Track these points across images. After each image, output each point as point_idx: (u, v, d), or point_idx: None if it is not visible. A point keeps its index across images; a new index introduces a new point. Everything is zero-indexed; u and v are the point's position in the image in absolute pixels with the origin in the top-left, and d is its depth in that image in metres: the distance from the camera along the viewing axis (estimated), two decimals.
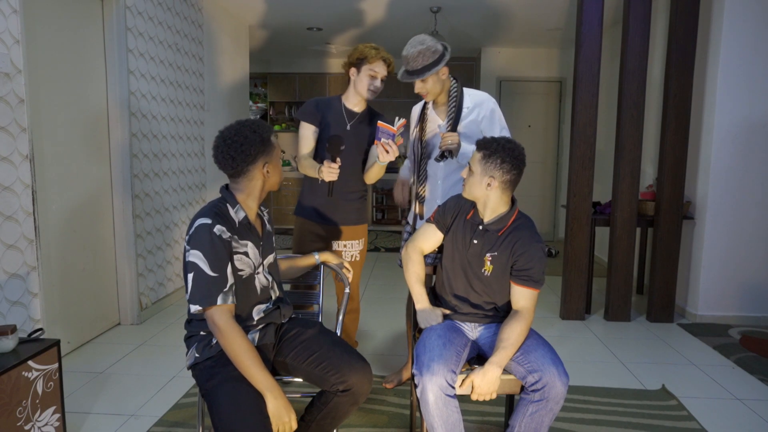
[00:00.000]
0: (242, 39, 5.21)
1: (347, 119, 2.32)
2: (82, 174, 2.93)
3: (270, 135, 1.58)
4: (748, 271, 3.47)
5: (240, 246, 1.55)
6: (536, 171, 6.57)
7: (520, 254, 1.73)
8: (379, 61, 2.23)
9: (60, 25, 2.73)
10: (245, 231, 1.58)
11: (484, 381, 1.61)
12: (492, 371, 1.61)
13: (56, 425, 1.89)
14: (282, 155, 7.21)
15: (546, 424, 1.63)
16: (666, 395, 2.46)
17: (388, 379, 2.53)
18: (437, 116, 2.28)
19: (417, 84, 2.17)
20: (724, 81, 3.34)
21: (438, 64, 2.11)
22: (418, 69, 2.11)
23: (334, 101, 2.36)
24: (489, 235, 1.77)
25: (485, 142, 1.73)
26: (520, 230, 1.76)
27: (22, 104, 2.37)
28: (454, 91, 2.24)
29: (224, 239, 1.49)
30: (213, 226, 1.48)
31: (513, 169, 1.69)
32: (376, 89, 2.28)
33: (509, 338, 1.66)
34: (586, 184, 3.45)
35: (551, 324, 3.47)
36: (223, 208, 1.56)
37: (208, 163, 4.39)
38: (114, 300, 3.27)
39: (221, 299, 1.46)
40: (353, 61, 2.28)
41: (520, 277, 1.74)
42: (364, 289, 4.23)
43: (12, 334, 1.76)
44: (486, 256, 1.77)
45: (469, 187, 1.77)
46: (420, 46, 2.10)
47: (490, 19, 5.01)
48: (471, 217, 1.81)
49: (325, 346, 1.64)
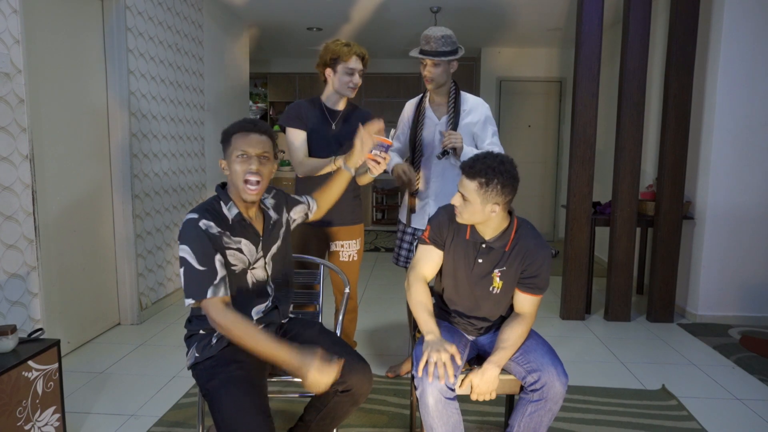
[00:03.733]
0: (242, 39, 5.21)
1: (331, 119, 2.30)
2: (82, 174, 2.93)
3: (234, 131, 1.54)
4: (748, 271, 3.47)
5: (233, 242, 1.53)
6: (536, 171, 6.56)
7: (529, 264, 1.67)
8: (353, 57, 2.19)
9: (60, 24, 2.73)
10: (240, 228, 1.56)
11: (482, 380, 1.61)
12: (491, 371, 1.61)
13: (56, 425, 1.89)
14: (281, 155, 7.20)
15: (545, 423, 1.63)
16: (666, 395, 2.46)
17: (390, 369, 2.61)
18: (434, 114, 2.33)
19: (428, 65, 2.25)
20: (724, 81, 3.34)
21: (455, 54, 2.25)
22: (438, 51, 2.21)
23: (314, 103, 2.32)
24: (494, 252, 1.69)
25: (476, 170, 1.55)
26: (525, 240, 1.68)
27: (22, 104, 2.37)
28: (453, 92, 2.30)
29: (211, 233, 1.48)
30: (199, 220, 1.48)
31: (513, 189, 1.59)
32: (356, 85, 2.24)
33: (509, 339, 1.65)
34: (586, 184, 3.45)
35: (551, 324, 3.47)
36: (215, 206, 1.55)
37: (208, 163, 4.39)
38: (114, 300, 3.27)
39: (211, 292, 1.45)
40: (327, 62, 2.23)
41: (527, 284, 1.69)
42: (364, 289, 4.23)
43: (12, 334, 1.76)
44: (494, 272, 1.70)
45: (468, 215, 1.61)
46: (443, 31, 2.23)
47: (490, 19, 5.01)
48: (470, 237, 1.70)
49: (324, 346, 1.62)
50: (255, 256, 1.60)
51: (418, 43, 5.92)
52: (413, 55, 2.29)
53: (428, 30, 2.25)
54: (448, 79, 2.30)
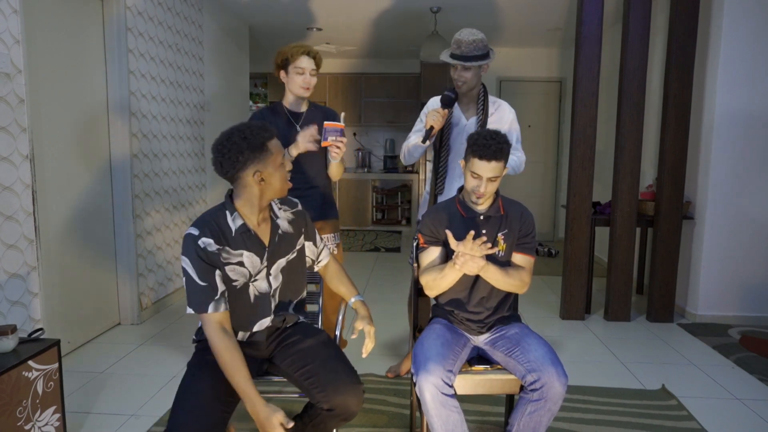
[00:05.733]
0: (242, 39, 5.21)
1: (294, 121, 2.30)
2: (82, 174, 2.93)
3: (263, 141, 1.48)
4: (748, 271, 3.47)
5: (232, 257, 1.53)
6: (536, 171, 6.57)
7: (523, 222, 1.81)
8: (302, 56, 2.19)
9: (60, 25, 2.73)
10: (242, 240, 1.54)
11: (469, 253, 1.60)
12: (482, 261, 1.63)
13: (56, 425, 1.89)
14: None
15: (544, 423, 1.63)
16: (666, 395, 2.46)
17: (390, 369, 2.61)
18: (461, 113, 2.32)
19: (459, 69, 2.23)
20: (724, 81, 3.34)
21: (487, 58, 2.22)
22: (469, 55, 2.18)
23: (276, 108, 2.33)
24: (493, 219, 1.80)
25: (493, 150, 1.66)
26: (512, 204, 1.85)
27: (22, 104, 2.37)
28: (482, 94, 2.33)
29: (209, 252, 1.49)
30: (198, 238, 1.49)
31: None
32: (308, 84, 2.22)
33: (506, 269, 1.73)
34: (586, 184, 3.45)
35: (551, 324, 3.47)
36: (219, 216, 1.55)
37: (208, 163, 4.37)
38: (114, 300, 3.27)
39: (212, 308, 1.49)
40: (279, 64, 2.25)
41: (524, 245, 1.81)
42: (364, 289, 4.23)
43: (12, 334, 1.76)
44: (499, 236, 1.80)
45: (491, 190, 1.73)
46: (476, 35, 2.19)
47: (490, 19, 5.01)
48: (467, 216, 1.80)
49: (317, 360, 1.59)
50: (258, 267, 1.59)
51: (418, 42, 5.93)
52: (444, 59, 2.25)
53: (459, 33, 2.21)
54: (478, 81, 2.29)
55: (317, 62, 2.23)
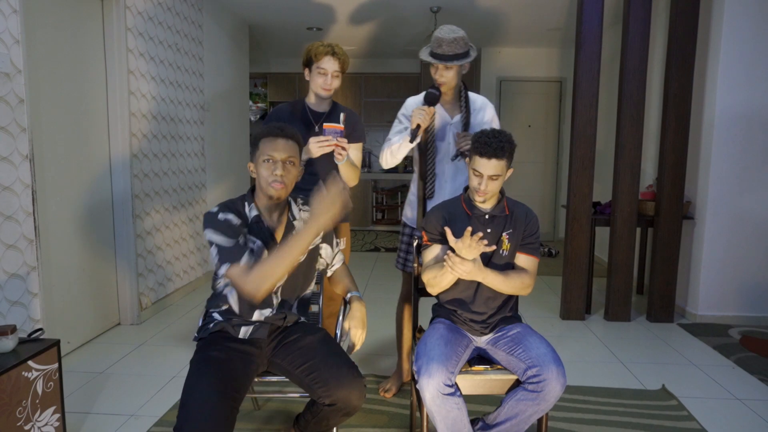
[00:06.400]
0: (242, 39, 5.21)
1: (314, 120, 2.26)
2: (81, 174, 2.93)
3: (262, 135, 1.61)
4: (748, 271, 3.47)
5: (249, 241, 1.60)
6: (536, 171, 6.57)
7: (528, 224, 1.82)
8: (326, 57, 2.14)
9: (60, 25, 2.73)
10: (257, 229, 1.62)
11: (466, 252, 1.61)
12: (475, 264, 1.64)
13: (56, 425, 1.89)
14: None
15: (528, 415, 1.63)
16: (666, 395, 2.46)
17: (385, 387, 2.45)
18: (445, 111, 2.28)
19: (440, 69, 2.16)
20: (724, 81, 3.34)
21: (467, 57, 2.16)
22: (449, 54, 2.12)
23: (297, 105, 2.29)
24: (498, 218, 1.81)
25: (494, 148, 1.67)
26: (517, 205, 1.86)
27: (22, 104, 2.37)
28: (463, 90, 2.27)
29: (232, 224, 1.57)
30: (218, 213, 1.58)
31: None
32: (329, 86, 2.18)
33: (507, 273, 1.75)
34: (586, 184, 3.45)
35: (551, 324, 3.47)
36: (239, 204, 1.64)
37: (208, 163, 4.39)
38: (114, 300, 3.27)
39: (245, 259, 1.52)
40: (305, 62, 2.22)
41: (528, 245, 1.82)
42: (364, 290, 4.23)
43: (12, 334, 1.76)
44: (503, 235, 1.81)
45: (494, 188, 1.73)
46: (456, 33, 2.12)
47: (490, 19, 5.01)
48: (472, 215, 1.80)
49: (318, 356, 1.60)
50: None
51: (418, 42, 5.93)
52: (423, 58, 2.20)
53: (439, 31, 2.14)
54: (459, 80, 2.24)
55: (342, 64, 2.17)
